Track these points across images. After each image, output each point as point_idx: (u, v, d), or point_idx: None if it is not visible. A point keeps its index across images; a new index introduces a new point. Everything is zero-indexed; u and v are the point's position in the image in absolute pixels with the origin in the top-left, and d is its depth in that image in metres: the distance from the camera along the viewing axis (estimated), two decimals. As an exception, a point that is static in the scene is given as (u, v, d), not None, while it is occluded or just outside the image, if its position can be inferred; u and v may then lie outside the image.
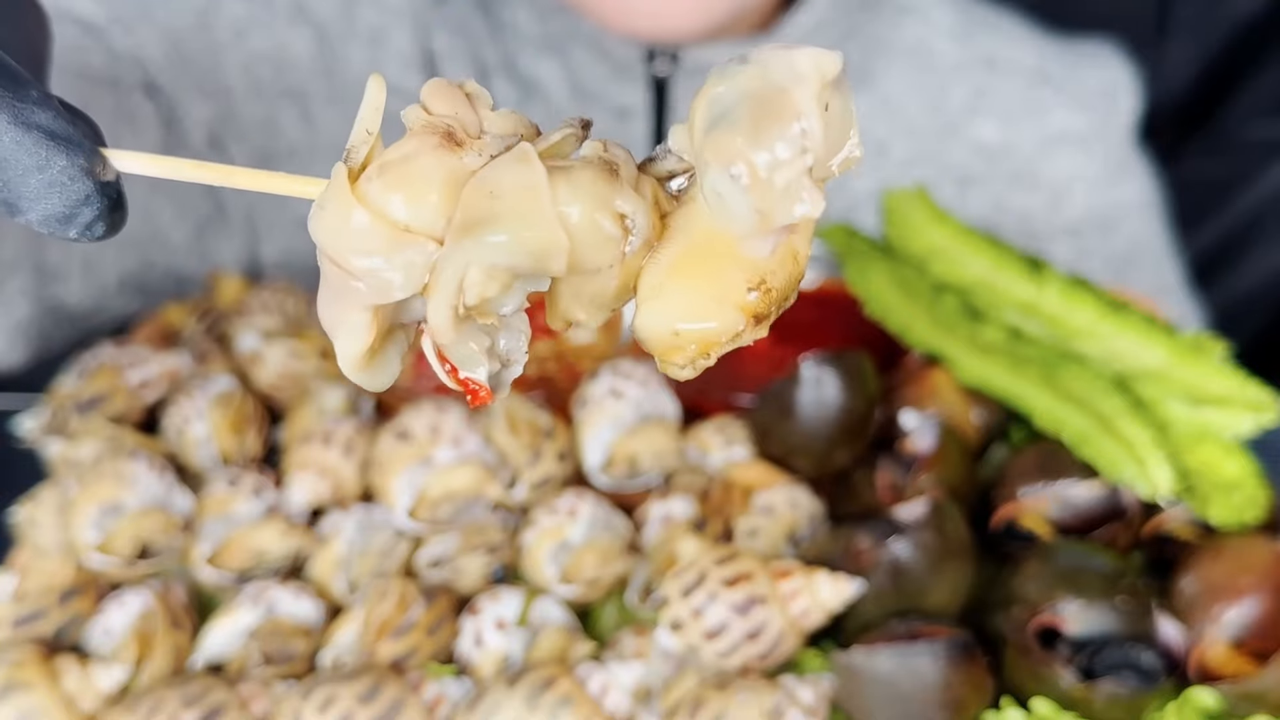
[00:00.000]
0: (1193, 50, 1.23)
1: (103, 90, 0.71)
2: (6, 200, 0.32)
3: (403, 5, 0.84)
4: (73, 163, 0.31)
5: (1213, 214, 1.29)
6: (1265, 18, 1.20)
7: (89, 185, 0.32)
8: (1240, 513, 0.57)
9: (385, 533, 0.60)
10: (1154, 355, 0.60)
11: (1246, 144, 1.26)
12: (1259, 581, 0.53)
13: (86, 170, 0.32)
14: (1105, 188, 0.94)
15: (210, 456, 0.64)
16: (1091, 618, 0.53)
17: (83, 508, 0.57)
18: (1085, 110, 0.92)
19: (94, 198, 0.32)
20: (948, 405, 0.63)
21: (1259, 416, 0.59)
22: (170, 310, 0.75)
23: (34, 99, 0.31)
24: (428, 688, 0.52)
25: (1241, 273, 1.31)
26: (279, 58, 0.81)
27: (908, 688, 0.50)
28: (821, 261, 0.78)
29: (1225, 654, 0.53)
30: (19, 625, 0.55)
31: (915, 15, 0.91)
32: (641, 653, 0.54)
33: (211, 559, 0.58)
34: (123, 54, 0.75)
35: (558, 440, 0.61)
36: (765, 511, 0.60)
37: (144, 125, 0.74)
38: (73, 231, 0.32)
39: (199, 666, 0.55)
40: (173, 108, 0.77)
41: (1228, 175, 1.27)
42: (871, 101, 0.89)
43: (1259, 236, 1.29)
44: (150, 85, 0.76)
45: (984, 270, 0.64)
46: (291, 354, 0.67)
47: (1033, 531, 0.59)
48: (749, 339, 0.32)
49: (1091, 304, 0.61)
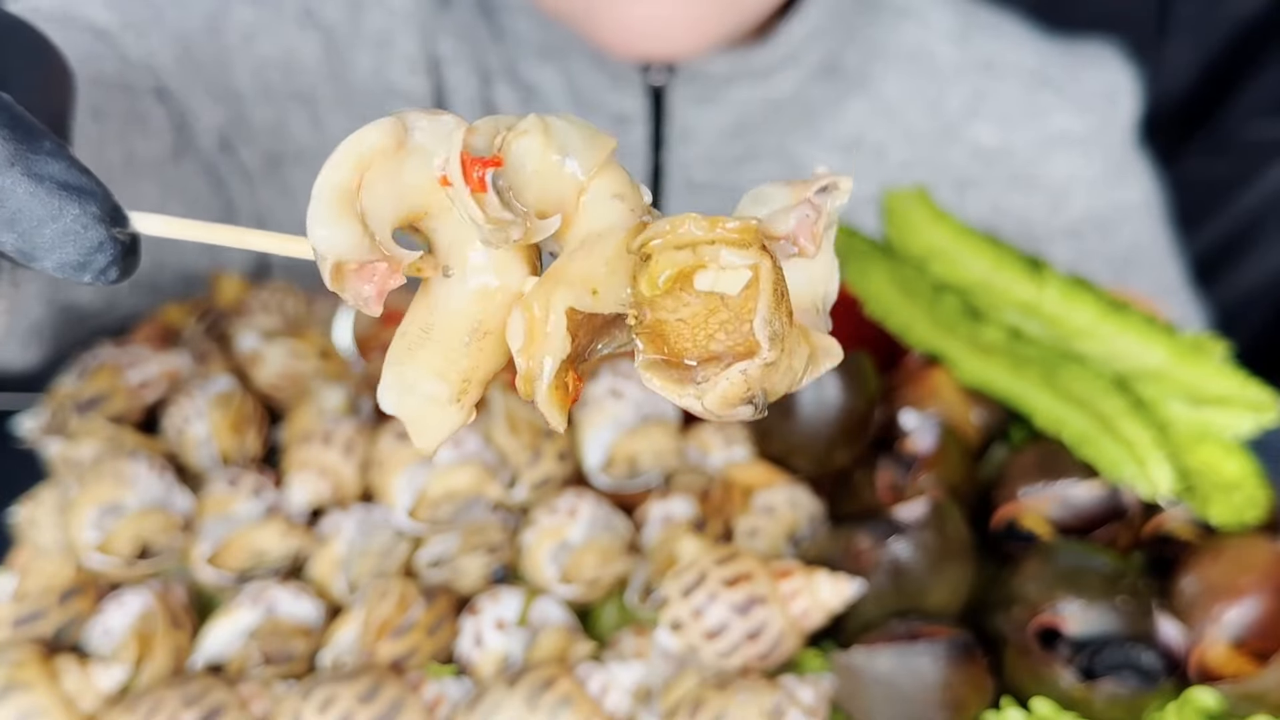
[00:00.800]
0: (1193, 50, 1.23)
1: (115, 95, 0.72)
2: (22, 250, 0.33)
3: (409, 10, 0.84)
4: (85, 211, 0.33)
5: (1213, 214, 1.29)
6: (1265, 18, 1.20)
7: (101, 233, 0.33)
8: (1240, 513, 0.57)
9: (385, 533, 0.61)
10: (1154, 355, 0.60)
11: (1247, 144, 1.26)
12: (1259, 581, 0.53)
13: (99, 218, 0.33)
14: (1105, 189, 0.94)
15: (210, 456, 0.64)
16: (1092, 618, 0.53)
17: (83, 508, 0.57)
18: (1085, 112, 0.92)
19: (107, 244, 0.33)
20: (948, 405, 0.63)
21: (1259, 417, 0.59)
22: (170, 310, 0.75)
23: (47, 150, 0.33)
24: (428, 688, 0.52)
25: (1242, 273, 1.31)
26: (288, 62, 0.82)
27: (908, 688, 0.50)
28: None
29: (1225, 654, 0.53)
30: (19, 625, 0.55)
31: (914, 18, 0.91)
32: (641, 653, 0.54)
33: (211, 559, 0.58)
34: (134, 59, 0.75)
35: (558, 440, 0.62)
36: (765, 511, 0.60)
37: (155, 130, 0.74)
38: (87, 277, 0.33)
39: (199, 666, 0.55)
40: (183, 112, 0.77)
41: (1228, 175, 1.27)
42: (869, 105, 0.89)
43: (1259, 236, 1.29)
44: (161, 90, 0.76)
45: (984, 270, 0.64)
46: (291, 354, 0.67)
47: (1033, 531, 0.59)
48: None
49: (1092, 304, 0.61)
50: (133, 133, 0.72)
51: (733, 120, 0.85)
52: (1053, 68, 0.92)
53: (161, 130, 0.75)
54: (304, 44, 0.82)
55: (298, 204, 0.84)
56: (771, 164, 0.89)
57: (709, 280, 0.31)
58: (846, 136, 0.89)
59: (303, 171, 0.83)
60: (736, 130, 0.86)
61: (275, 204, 0.84)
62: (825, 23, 0.83)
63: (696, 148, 0.86)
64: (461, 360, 0.33)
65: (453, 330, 0.33)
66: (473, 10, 0.85)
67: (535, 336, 0.31)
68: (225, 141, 0.80)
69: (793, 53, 0.83)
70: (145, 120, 0.74)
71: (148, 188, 0.73)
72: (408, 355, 0.33)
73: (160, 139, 0.75)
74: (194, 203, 0.79)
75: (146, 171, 0.73)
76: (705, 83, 0.83)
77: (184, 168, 0.77)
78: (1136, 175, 0.96)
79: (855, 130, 0.89)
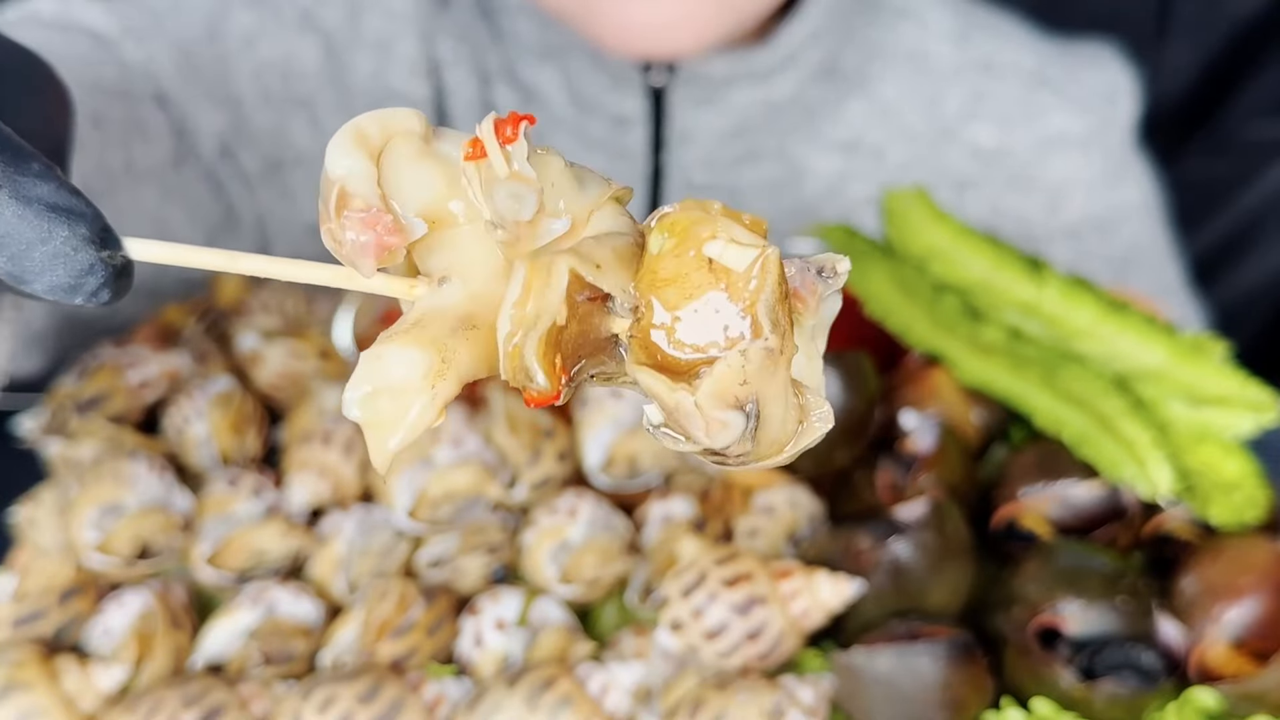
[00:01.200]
0: (1193, 50, 1.22)
1: (115, 102, 0.72)
2: (12, 273, 0.32)
3: (408, 12, 0.84)
4: (74, 233, 0.32)
5: (1213, 214, 1.29)
6: (1265, 17, 1.20)
7: (91, 255, 0.32)
8: (1240, 513, 0.57)
9: (385, 533, 0.61)
10: (1154, 356, 0.60)
11: (1247, 144, 1.26)
12: (1259, 581, 0.53)
13: (89, 240, 0.32)
14: (1104, 190, 0.94)
15: (210, 456, 0.64)
16: (1092, 618, 0.53)
17: (82, 508, 0.57)
18: (1084, 113, 0.92)
19: (98, 266, 0.32)
20: (948, 405, 0.63)
21: (1259, 417, 0.59)
22: (170, 310, 0.75)
23: (34, 172, 0.32)
24: (428, 688, 0.52)
25: (1242, 273, 1.31)
26: (287, 66, 0.82)
27: (908, 688, 0.50)
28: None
29: (1225, 654, 0.53)
30: (19, 625, 0.55)
31: (912, 19, 0.91)
32: (641, 653, 0.54)
33: (211, 559, 0.58)
34: (134, 65, 0.75)
35: (558, 440, 0.62)
36: (765, 511, 0.60)
37: (156, 135, 0.74)
38: (79, 299, 0.33)
39: (199, 666, 0.55)
40: (183, 118, 0.77)
41: (1228, 175, 1.27)
42: (868, 106, 0.89)
43: (1259, 237, 1.29)
44: (161, 96, 0.76)
45: (984, 270, 0.64)
46: (291, 354, 0.67)
47: (1033, 531, 0.59)
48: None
49: (1092, 304, 0.61)
50: (133, 139, 0.72)
51: (733, 122, 0.85)
52: (1051, 68, 0.92)
53: (161, 136, 0.75)
54: (303, 48, 0.82)
55: (298, 208, 0.84)
56: (772, 165, 0.89)
57: (718, 248, 0.31)
58: (846, 138, 0.90)
59: (303, 175, 0.83)
60: (736, 131, 0.86)
61: (276, 207, 0.84)
62: (824, 24, 0.83)
63: (696, 149, 0.87)
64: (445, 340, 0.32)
65: (441, 319, 0.32)
66: (472, 11, 0.85)
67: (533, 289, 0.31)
68: (225, 147, 0.80)
69: (792, 54, 0.83)
70: (145, 126, 0.74)
71: (148, 193, 0.73)
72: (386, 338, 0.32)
73: (160, 144, 0.75)
74: (195, 208, 0.79)
75: (147, 177, 0.73)
76: (705, 84, 0.83)
77: (184, 173, 0.77)
78: (1135, 176, 0.96)
79: (854, 131, 0.89)
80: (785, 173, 0.89)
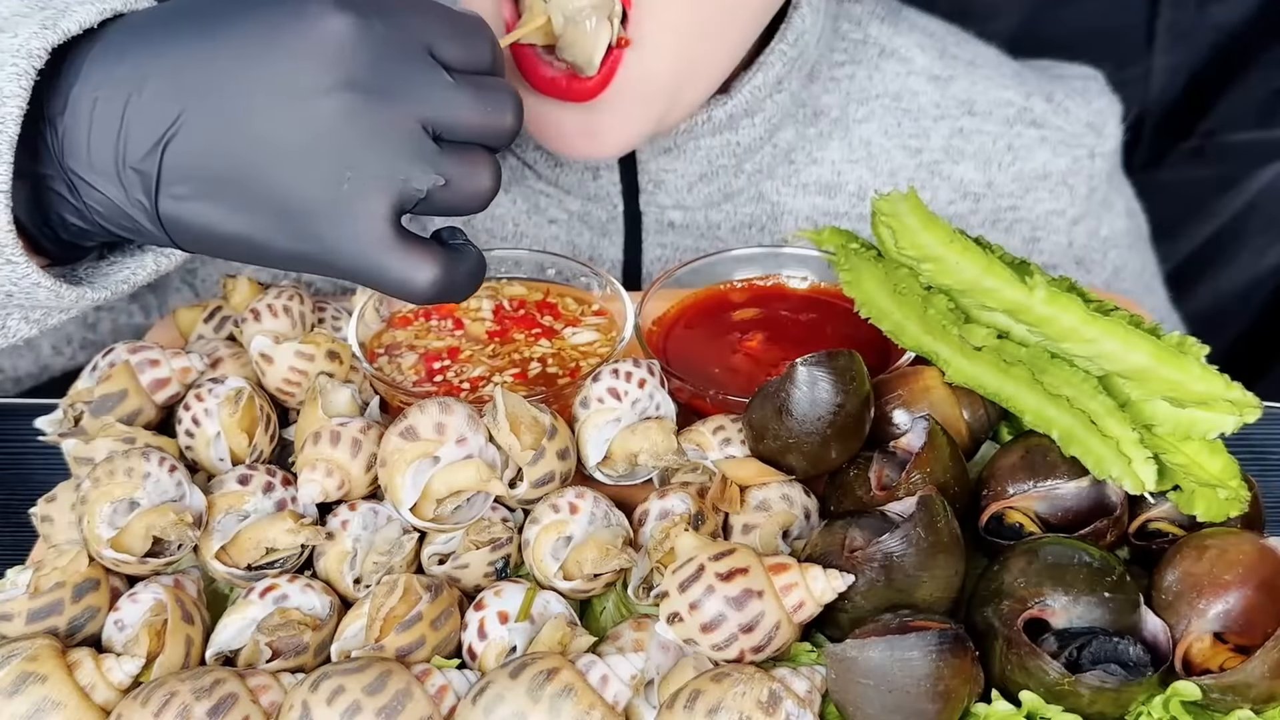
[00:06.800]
0: (1178, 58, 1.23)
1: None
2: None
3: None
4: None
5: (1196, 219, 1.29)
6: (1249, 26, 1.21)
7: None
8: (1224, 509, 0.57)
9: (392, 529, 0.62)
10: (1139, 357, 0.60)
11: (1230, 150, 1.26)
12: (1242, 576, 0.53)
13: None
14: (1087, 223, 0.94)
15: (221, 455, 0.65)
16: (1078, 611, 0.53)
17: (97, 505, 0.58)
18: (1068, 149, 0.92)
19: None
20: (939, 405, 0.64)
21: (1241, 416, 0.59)
22: (182, 312, 0.76)
23: None
24: (433, 679, 0.53)
25: (1223, 277, 1.32)
26: None
27: (899, 679, 0.50)
28: (816, 265, 0.79)
29: (1209, 647, 0.53)
30: (35, 619, 0.56)
31: (895, 58, 0.91)
32: (640, 645, 0.55)
33: (222, 554, 0.59)
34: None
35: (559, 438, 0.63)
36: (761, 508, 0.61)
37: None
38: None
39: (210, 659, 0.56)
40: None
41: (1212, 181, 1.28)
42: (850, 145, 0.89)
43: (1243, 242, 1.30)
44: None
45: (974, 274, 0.64)
46: (300, 355, 0.68)
47: (1022, 527, 0.60)
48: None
49: (1078, 307, 0.62)
50: None
51: (701, 167, 0.86)
52: (1035, 104, 0.92)
53: None
54: None
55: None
56: (748, 205, 0.89)
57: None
58: (826, 179, 0.90)
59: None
60: (706, 175, 0.87)
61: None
62: (787, 71, 0.83)
63: (669, 193, 0.87)
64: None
65: None
66: None
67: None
68: None
69: (757, 103, 0.83)
70: None
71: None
72: None
73: None
74: None
75: None
76: (667, 135, 0.84)
77: None
78: (1119, 208, 0.96)
79: (833, 171, 0.90)
80: (762, 212, 0.89)
